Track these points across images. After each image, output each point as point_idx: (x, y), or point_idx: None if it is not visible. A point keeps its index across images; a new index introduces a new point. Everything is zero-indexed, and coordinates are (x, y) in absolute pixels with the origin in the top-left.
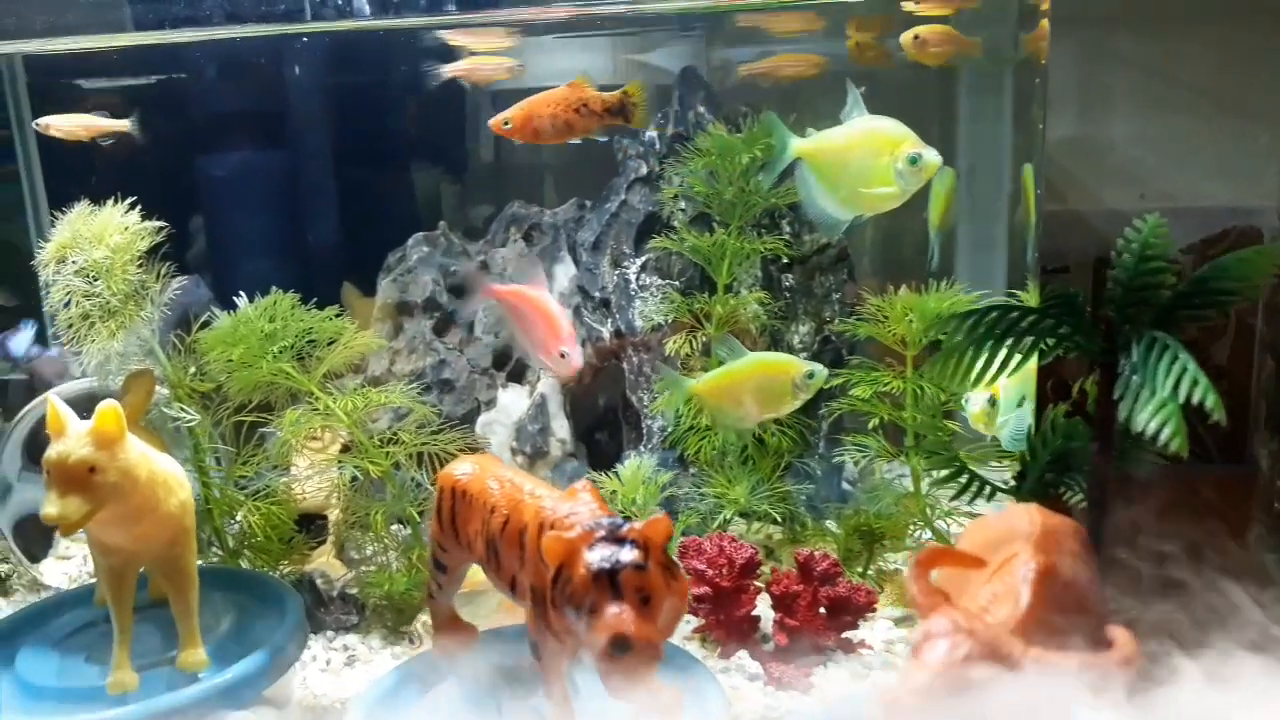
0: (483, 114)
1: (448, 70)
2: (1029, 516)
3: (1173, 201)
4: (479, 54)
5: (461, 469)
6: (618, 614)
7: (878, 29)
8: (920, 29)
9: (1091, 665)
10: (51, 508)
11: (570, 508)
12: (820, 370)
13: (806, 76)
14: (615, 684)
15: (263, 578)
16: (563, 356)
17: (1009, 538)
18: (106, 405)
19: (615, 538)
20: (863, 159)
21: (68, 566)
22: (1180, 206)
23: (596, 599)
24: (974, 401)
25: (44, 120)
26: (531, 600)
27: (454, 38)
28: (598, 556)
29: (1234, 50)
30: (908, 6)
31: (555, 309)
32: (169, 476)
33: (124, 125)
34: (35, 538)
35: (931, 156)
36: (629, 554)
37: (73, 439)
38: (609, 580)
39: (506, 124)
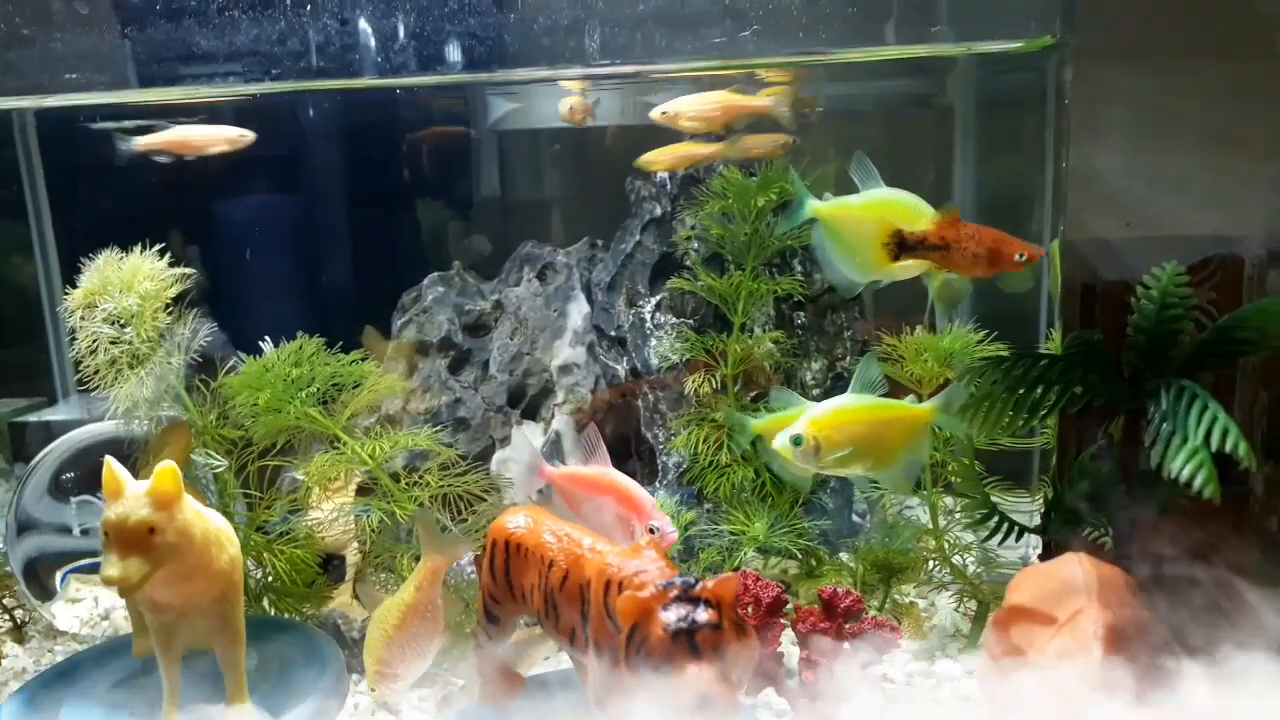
0: (485, 156)
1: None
2: (1082, 567)
3: (1158, 230)
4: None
5: (514, 521)
6: (698, 673)
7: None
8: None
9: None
10: (113, 570)
11: (637, 565)
12: None
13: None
14: None
15: (298, 626)
16: (652, 532)
17: (1066, 589)
18: (165, 466)
19: (689, 597)
20: (880, 230)
21: (79, 609)
22: (1165, 235)
23: (676, 658)
24: (779, 437)
25: None
26: (596, 654)
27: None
28: (674, 616)
29: (1218, 83)
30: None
31: (628, 484)
32: (220, 533)
33: None
34: (45, 579)
35: None
36: (704, 614)
37: (131, 500)
38: (687, 639)
39: None
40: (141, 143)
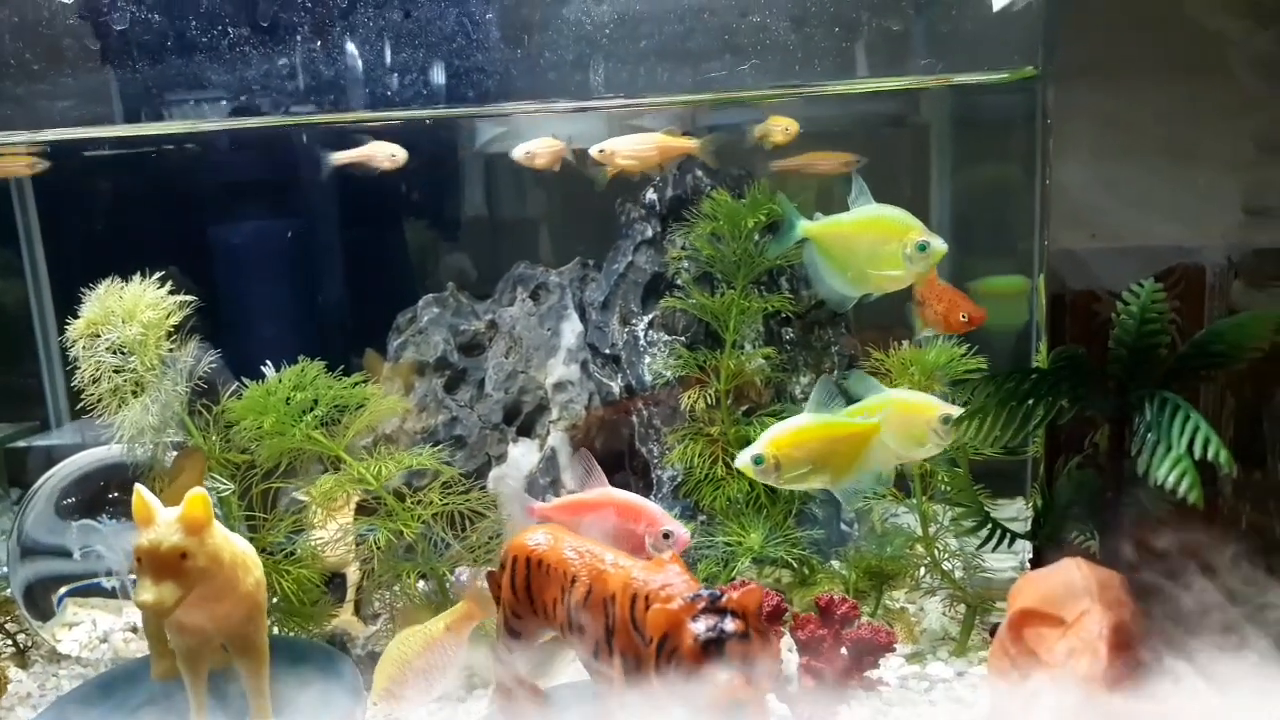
0: (476, 180)
1: None
2: (1080, 571)
3: (1122, 241)
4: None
5: (535, 538)
6: (729, 681)
7: None
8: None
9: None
10: (147, 594)
11: (663, 579)
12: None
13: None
14: None
15: (316, 646)
16: (667, 537)
17: (1068, 592)
18: (196, 492)
19: (716, 608)
20: (871, 245)
21: (77, 633)
22: (1129, 246)
23: (707, 667)
24: (741, 456)
25: None
26: (623, 666)
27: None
28: (703, 627)
29: (1180, 100)
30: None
31: (629, 497)
32: (246, 556)
33: None
34: (43, 603)
35: (939, 244)
36: (731, 624)
37: (164, 526)
38: (717, 649)
39: None
40: (339, 157)
